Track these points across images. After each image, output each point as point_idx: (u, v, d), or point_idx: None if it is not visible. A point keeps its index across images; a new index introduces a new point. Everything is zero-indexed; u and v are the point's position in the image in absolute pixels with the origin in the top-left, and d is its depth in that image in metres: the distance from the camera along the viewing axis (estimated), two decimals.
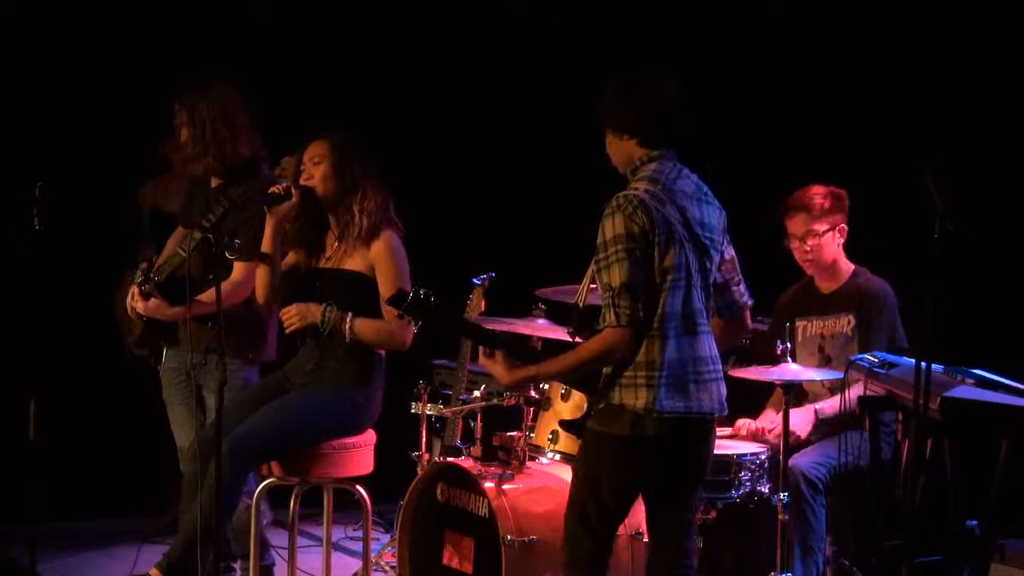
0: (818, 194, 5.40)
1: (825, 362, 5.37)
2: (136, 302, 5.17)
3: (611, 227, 4.00)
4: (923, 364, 4.18)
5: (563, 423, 4.43)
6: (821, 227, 5.38)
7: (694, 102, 4.20)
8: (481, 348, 4.17)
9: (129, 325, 5.30)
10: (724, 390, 4.19)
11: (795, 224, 5.43)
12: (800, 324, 5.48)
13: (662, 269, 4.02)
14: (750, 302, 4.36)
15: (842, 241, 5.43)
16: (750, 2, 6.91)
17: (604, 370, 4.08)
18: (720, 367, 4.19)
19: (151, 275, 5.13)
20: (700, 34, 6.96)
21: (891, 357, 4.78)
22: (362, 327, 4.92)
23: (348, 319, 4.91)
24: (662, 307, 4.03)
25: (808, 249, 5.42)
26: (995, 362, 4.71)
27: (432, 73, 7.17)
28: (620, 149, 4.19)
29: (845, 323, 5.37)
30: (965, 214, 4.24)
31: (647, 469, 4.12)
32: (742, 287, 4.32)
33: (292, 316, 4.96)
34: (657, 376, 4.02)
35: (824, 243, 5.40)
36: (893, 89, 6.50)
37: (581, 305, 4.21)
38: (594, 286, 4.16)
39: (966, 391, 4.46)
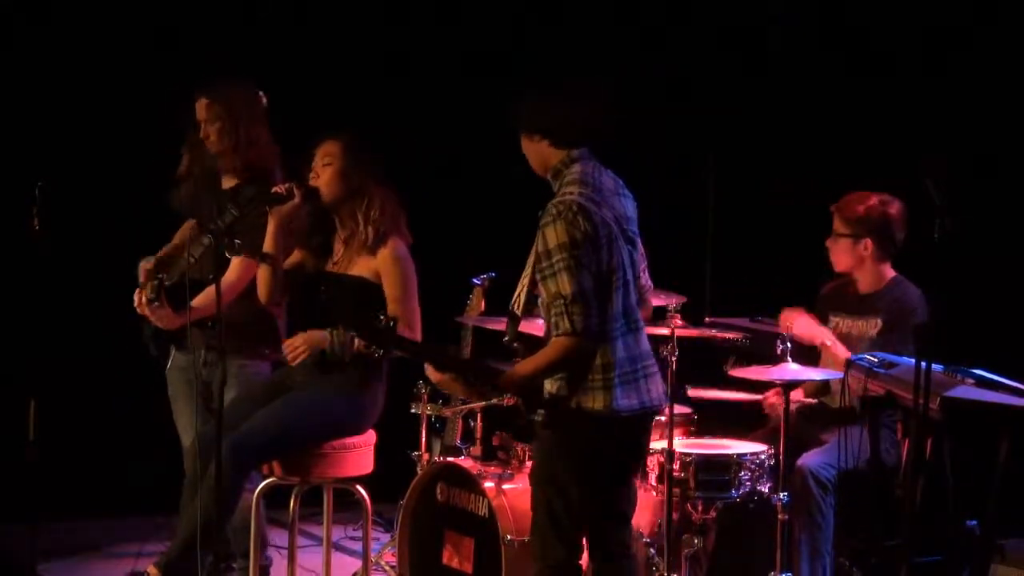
0: (857, 202, 5.38)
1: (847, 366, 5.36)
2: (144, 311, 5.16)
3: (554, 235, 4.01)
4: (923, 364, 4.18)
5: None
6: (842, 230, 5.39)
7: (608, 101, 4.23)
8: (429, 368, 4.17)
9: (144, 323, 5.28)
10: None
11: (834, 221, 5.45)
12: (833, 320, 5.50)
13: (608, 271, 4.06)
14: (651, 284, 4.41)
15: (866, 255, 5.38)
16: (751, 3, 6.91)
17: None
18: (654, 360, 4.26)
19: (163, 285, 5.12)
20: (701, 33, 6.97)
21: (891, 357, 4.78)
22: None
23: (355, 339, 4.87)
24: (611, 308, 4.07)
25: (829, 245, 5.45)
26: (995, 362, 4.71)
27: (432, 73, 7.17)
28: (534, 151, 4.22)
29: (871, 326, 5.36)
30: (965, 214, 4.25)
31: (609, 467, 4.16)
32: (647, 272, 4.37)
33: (299, 347, 4.91)
34: (612, 377, 4.07)
35: (840, 248, 5.40)
36: (893, 89, 6.50)
37: (519, 313, 4.21)
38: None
39: (966, 391, 4.47)
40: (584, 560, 4.25)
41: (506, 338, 4.21)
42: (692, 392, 5.50)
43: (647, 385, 4.16)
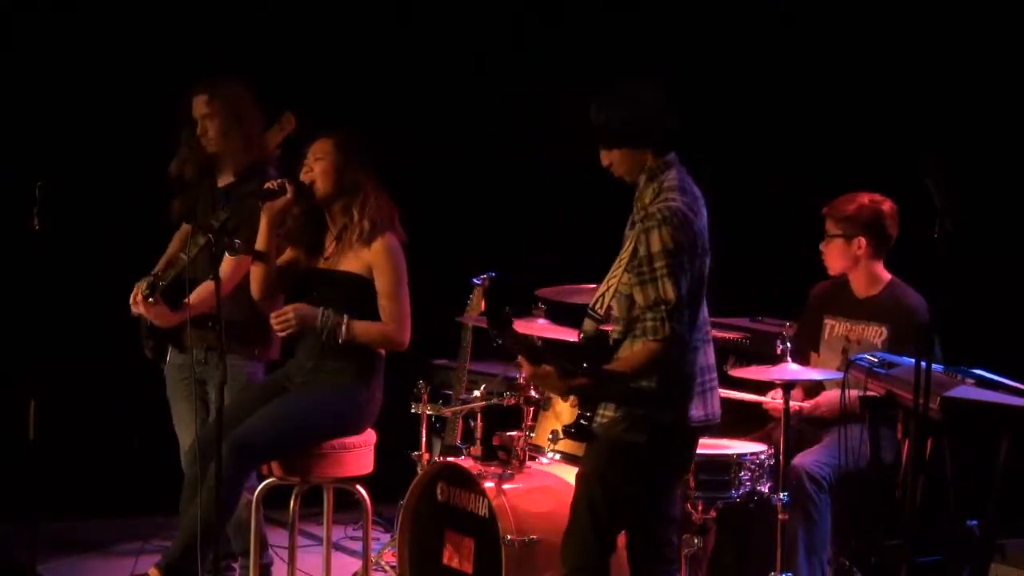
0: (848, 201, 5.37)
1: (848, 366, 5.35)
2: (139, 308, 5.17)
3: (658, 240, 3.98)
4: (923, 364, 4.18)
5: (569, 430, 4.39)
6: (834, 231, 5.38)
7: (684, 101, 4.22)
8: (524, 359, 4.09)
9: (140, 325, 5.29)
10: None
11: (826, 223, 5.44)
12: (828, 322, 5.48)
13: (698, 280, 4.06)
14: None
15: (860, 254, 5.36)
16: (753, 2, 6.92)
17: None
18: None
19: (158, 282, 5.12)
20: (703, 31, 6.97)
21: (891, 357, 4.78)
22: (359, 329, 4.90)
23: (344, 322, 4.88)
24: (698, 318, 4.09)
25: (822, 249, 5.44)
26: (995, 362, 4.71)
27: (433, 73, 7.17)
28: (630, 160, 4.14)
29: (876, 333, 5.34)
30: (965, 214, 4.25)
31: (665, 474, 4.19)
32: None
33: (289, 318, 4.86)
34: (690, 387, 4.07)
35: (834, 249, 5.39)
36: (893, 89, 6.50)
37: (603, 312, 4.17)
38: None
39: (966, 391, 4.46)
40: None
41: (581, 335, 4.20)
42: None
43: (712, 399, 4.18)
